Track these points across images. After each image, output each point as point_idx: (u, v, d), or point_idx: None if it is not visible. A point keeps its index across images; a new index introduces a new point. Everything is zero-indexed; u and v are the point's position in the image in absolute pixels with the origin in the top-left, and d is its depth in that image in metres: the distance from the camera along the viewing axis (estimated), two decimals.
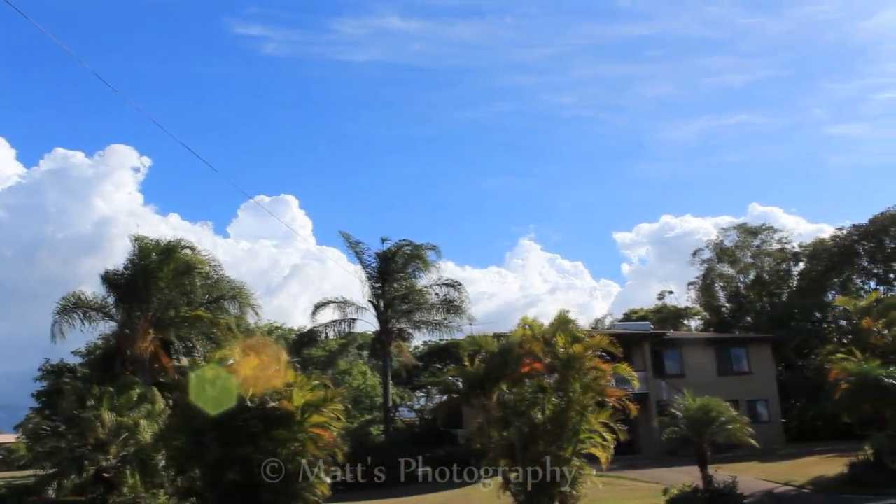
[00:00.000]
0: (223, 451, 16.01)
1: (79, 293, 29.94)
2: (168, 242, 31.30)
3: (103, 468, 20.56)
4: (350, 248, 42.60)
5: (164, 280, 30.29)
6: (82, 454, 20.72)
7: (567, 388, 19.36)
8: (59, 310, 29.64)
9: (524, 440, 19.12)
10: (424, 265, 42.34)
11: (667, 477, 25.62)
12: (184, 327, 30.61)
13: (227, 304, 32.37)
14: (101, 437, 20.87)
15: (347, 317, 41.86)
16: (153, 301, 30.20)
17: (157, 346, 29.15)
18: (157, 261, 30.36)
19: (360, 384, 50.96)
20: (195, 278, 31.58)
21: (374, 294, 41.77)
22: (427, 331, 42.86)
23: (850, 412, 25.58)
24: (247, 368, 16.62)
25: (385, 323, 41.43)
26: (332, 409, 17.46)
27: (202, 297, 32.30)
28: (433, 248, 42.75)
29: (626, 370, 20.51)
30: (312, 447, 16.76)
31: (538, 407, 19.55)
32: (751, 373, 44.30)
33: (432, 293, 42.09)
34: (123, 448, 20.97)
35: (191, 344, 30.68)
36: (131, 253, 31.24)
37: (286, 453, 16.61)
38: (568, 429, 19.17)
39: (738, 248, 64.52)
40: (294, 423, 16.57)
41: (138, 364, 28.50)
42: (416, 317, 42.09)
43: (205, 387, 16.70)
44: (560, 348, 19.55)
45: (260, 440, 16.24)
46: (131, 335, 28.71)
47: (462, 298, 41.69)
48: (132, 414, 21.57)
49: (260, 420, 16.23)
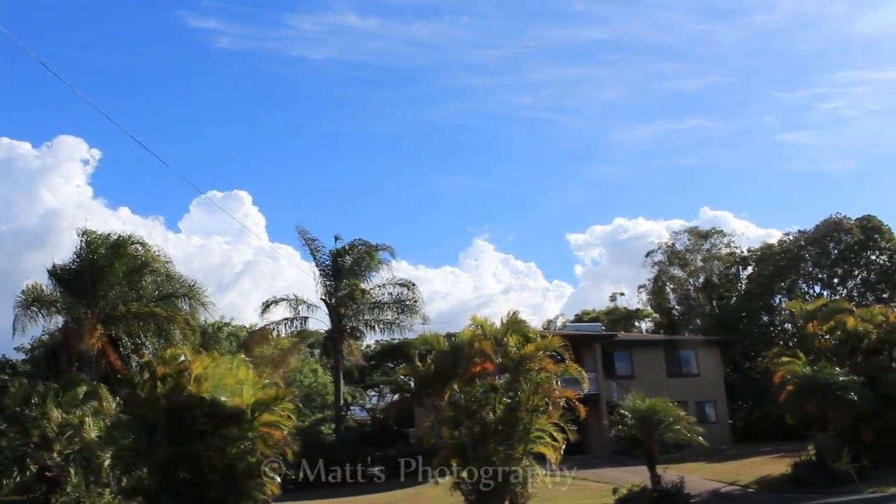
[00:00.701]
0: (173, 449, 15.87)
1: (39, 286, 29.35)
2: (118, 237, 30.77)
3: (47, 467, 20.17)
4: (305, 245, 42.39)
5: (113, 275, 29.78)
6: (25, 453, 20.29)
7: (518, 388, 19.53)
8: (21, 303, 28.98)
9: (475, 440, 19.24)
10: (378, 264, 42.31)
11: (616, 476, 25.94)
12: (133, 324, 30.16)
13: (178, 301, 31.99)
14: (45, 435, 20.51)
15: (299, 315, 41.66)
16: (101, 296, 29.72)
17: (105, 343, 28.64)
18: (106, 255, 29.83)
19: (311, 382, 50.65)
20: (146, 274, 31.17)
21: (326, 292, 41.60)
22: (380, 330, 42.78)
23: (794, 413, 26.16)
24: (198, 366, 16.49)
25: (337, 321, 41.29)
26: (283, 407, 17.38)
27: (153, 293, 31.88)
28: (387, 247, 42.77)
29: (576, 371, 20.74)
30: (262, 446, 16.69)
31: (489, 407, 19.68)
32: (699, 374, 44.96)
33: (385, 292, 42.05)
34: (68, 446, 20.60)
35: (140, 341, 30.22)
36: (79, 247, 30.67)
37: (236, 452, 16.52)
38: (518, 429, 19.33)
39: (689, 252, 65.50)
40: (245, 421, 16.48)
41: (85, 360, 28.01)
42: (369, 316, 41.99)
43: (155, 384, 16.55)
44: (511, 348, 19.71)
45: (210, 438, 16.12)
46: (78, 331, 28.19)
47: (415, 298, 41.73)
48: (78, 411, 21.18)
49: (210, 418, 16.11)
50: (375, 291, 42.07)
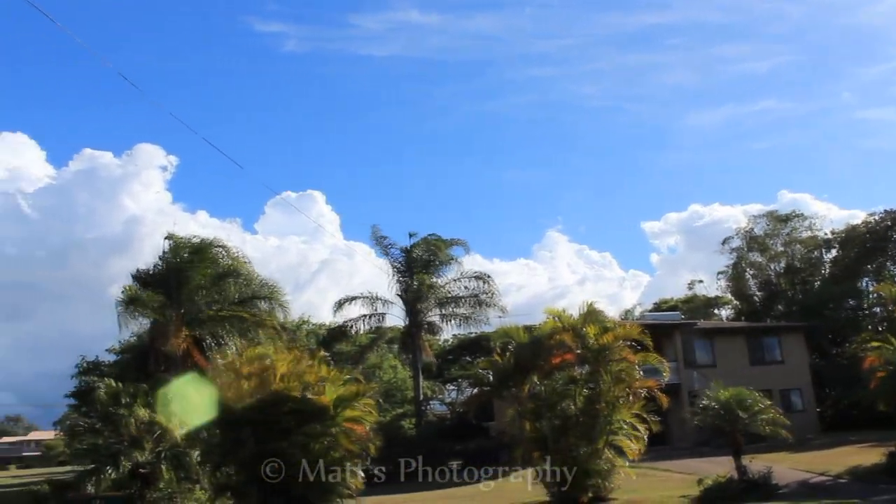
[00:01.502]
0: (259, 447, 16.16)
1: (135, 288, 30.14)
2: (201, 241, 31.55)
3: (140, 464, 20.79)
4: (377, 244, 42.79)
5: (197, 278, 30.55)
6: (118, 450, 20.92)
7: (598, 379, 19.37)
8: (122, 302, 29.71)
9: (556, 432, 19.17)
10: (451, 259, 42.42)
11: (700, 467, 25.48)
12: (217, 325, 30.81)
13: (257, 302, 32.55)
14: (135, 434, 21.13)
15: (376, 311, 42.02)
16: (186, 299, 30.45)
17: (190, 343, 29.36)
18: (190, 259, 30.63)
19: (390, 378, 51.07)
20: (228, 276, 31.81)
21: (401, 288, 41.86)
22: (456, 324, 42.85)
23: (886, 400, 25.24)
24: (281, 364, 16.77)
25: (414, 317, 41.51)
26: (364, 403, 17.55)
27: (234, 294, 32.53)
28: (460, 241, 42.86)
29: (656, 360, 20.48)
30: (345, 441, 16.87)
31: (570, 399, 19.58)
32: (783, 362, 43.87)
33: (460, 286, 42.14)
34: (158, 444, 21.21)
35: (223, 341, 30.85)
36: (164, 251, 31.56)
37: (319, 448, 16.73)
38: (600, 420, 19.19)
39: (769, 236, 63.93)
40: (327, 417, 16.68)
41: (171, 361, 28.73)
42: (445, 310, 42.10)
43: (240, 383, 16.88)
44: (590, 339, 19.55)
45: (294, 435, 16.37)
46: (164, 333, 28.93)
47: (491, 291, 41.67)
48: (166, 411, 21.77)
49: (294, 415, 16.35)
50: (451, 286, 42.20)
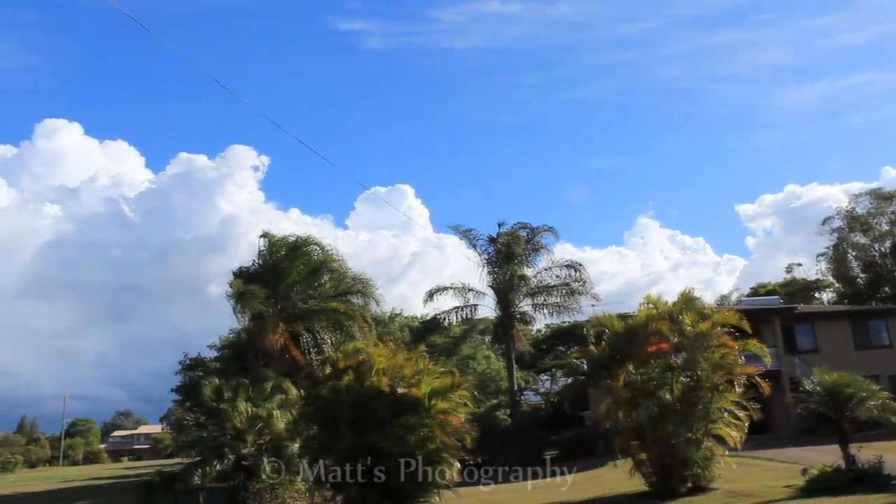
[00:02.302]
0: (356, 439, 16.43)
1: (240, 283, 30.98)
2: (296, 238, 32.21)
3: (242, 456, 21.38)
4: (463, 237, 42.90)
5: (292, 275, 31.20)
6: (222, 443, 21.55)
7: (695, 367, 19.02)
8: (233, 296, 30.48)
9: (653, 421, 18.91)
10: (541, 247, 42.21)
11: (804, 456, 24.72)
12: (313, 320, 31.37)
13: (351, 297, 33.03)
14: (238, 427, 21.73)
15: (468, 302, 42.14)
16: (283, 295, 31.13)
17: (288, 339, 29.99)
18: (286, 256, 31.32)
19: (484, 369, 51.19)
20: (322, 272, 32.39)
21: (492, 279, 41.87)
22: (548, 313, 42.63)
23: None
24: (378, 358, 17.00)
25: (506, 307, 41.48)
26: (459, 394, 17.64)
27: (329, 290, 33.08)
28: (550, 229, 42.59)
29: (756, 346, 19.98)
30: (441, 433, 16.98)
31: (666, 387, 19.29)
32: (892, 346, 42.16)
33: (552, 275, 41.90)
34: (259, 437, 21.75)
35: (319, 336, 31.41)
36: (260, 249, 32.35)
37: (415, 440, 16.90)
38: (698, 408, 18.85)
39: (872, 216, 61.51)
40: (422, 409, 16.83)
41: (270, 356, 29.42)
42: (537, 300, 41.93)
43: (337, 377, 17.19)
44: (687, 326, 19.20)
45: (390, 428, 16.58)
46: (263, 329, 29.61)
47: (583, 279, 41.30)
48: (266, 405, 22.32)
49: (390, 407, 16.56)
50: (542, 275, 42.01)
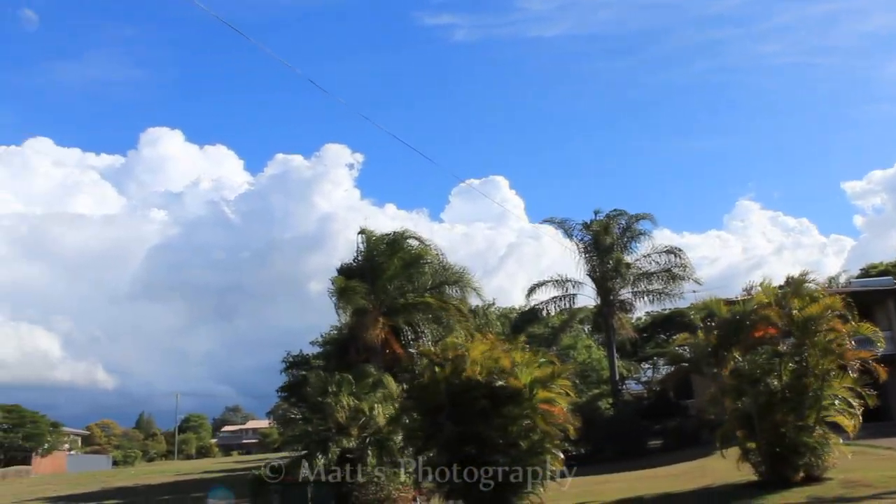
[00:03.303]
0: (458, 430, 16.51)
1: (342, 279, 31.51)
2: (393, 233, 32.53)
3: (347, 449, 21.73)
4: (558, 227, 42.54)
5: (391, 269, 31.50)
6: (327, 437, 21.94)
7: (805, 353, 18.40)
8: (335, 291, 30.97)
9: (761, 409, 18.38)
10: (639, 234, 41.55)
11: None
12: (412, 313, 31.60)
13: (448, 289, 33.16)
14: (342, 421, 22.11)
15: (567, 292, 41.82)
16: (382, 290, 31.45)
17: (388, 333, 30.31)
18: (384, 251, 31.66)
19: (585, 359, 50.72)
20: (420, 266, 32.60)
21: (590, 268, 41.42)
22: (648, 301, 41.93)
23: None
24: (475, 350, 17.04)
25: (605, 296, 41.00)
26: (560, 384, 17.55)
27: (427, 283, 33.27)
28: (647, 216, 41.85)
29: (868, 330, 19.18)
30: (543, 423, 16.93)
31: (774, 374, 18.71)
32: None
33: (651, 262, 41.18)
34: (363, 431, 22.07)
35: (419, 329, 31.64)
36: (359, 246, 32.81)
37: (518, 430, 16.90)
38: (808, 395, 18.23)
39: None
40: (523, 399, 16.80)
41: (371, 351, 29.78)
42: (637, 287, 41.29)
43: (435, 369, 17.31)
44: (795, 311, 18.59)
45: (491, 418, 16.61)
46: (364, 324, 29.97)
47: (683, 264, 40.44)
48: (368, 398, 22.63)
49: (490, 398, 16.58)
50: (641, 262, 41.35)
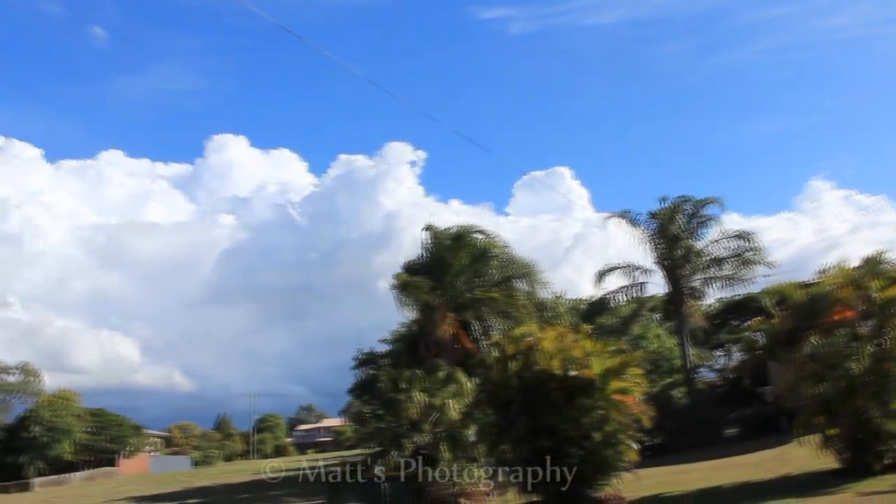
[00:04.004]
0: (531, 423, 16.50)
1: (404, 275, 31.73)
2: (458, 228, 32.54)
3: (420, 445, 21.85)
4: (622, 217, 42.00)
5: (457, 264, 31.54)
6: (400, 433, 22.09)
7: (885, 336, 17.89)
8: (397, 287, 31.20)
9: (841, 394, 17.92)
10: (708, 219, 40.83)
11: None
12: (480, 308, 31.59)
13: (516, 282, 33.06)
14: (414, 417, 22.24)
15: (636, 281, 41.34)
16: (450, 285, 31.51)
17: (457, 328, 30.37)
18: (450, 247, 31.70)
19: (656, 347, 50.10)
20: (487, 260, 32.57)
21: (659, 255, 40.88)
22: (719, 287, 41.19)
23: None
24: (546, 341, 16.99)
25: (674, 283, 40.44)
26: (632, 374, 17.40)
27: (494, 277, 33.22)
28: (715, 200, 41.06)
29: None
30: (616, 413, 16.80)
31: (854, 358, 18.22)
32: None
33: (721, 247, 40.42)
34: (436, 426, 22.16)
35: (487, 323, 31.62)
36: (424, 242, 32.90)
37: (590, 421, 16.79)
38: (890, 380, 17.71)
39: None
40: (595, 390, 16.70)
41: (441, 346, 29.86)
42: (707, 273, 40.61)
43: (507, 363, 17.31)
44: (874, 292, 18.08)
45: (564, 410, 16.54)
46: (432, 319, 30.09)
47: (754, 249, 39.57)
48: (440, 394, 22.71)
49: (562, 390, 16.52)
50: (710, 247, 40.63)
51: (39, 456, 73.40)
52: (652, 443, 18.79)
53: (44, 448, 73.58)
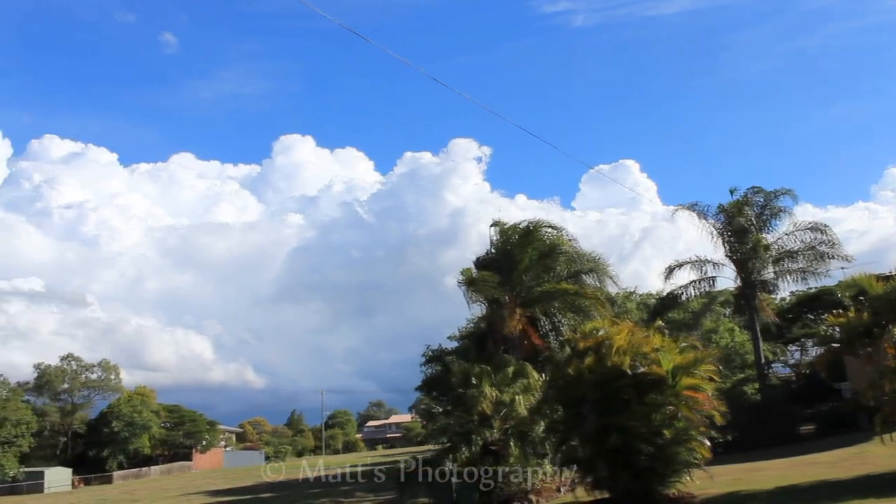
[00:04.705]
0: (601, 420, 16.35)
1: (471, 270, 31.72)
2: (526, 223, 32.37)
3: (489, 441, 21.83)
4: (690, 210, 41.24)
5: (525, 260, 31.36)
6: (470, 429, 22.09)
7: None
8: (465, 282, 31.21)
9: None
10: (780, 211, 39.86)
11: None
12: (549, 303, 31.37)
13: (585, 277, 32.77)
14: (484, 413, 22.21)
15: (706, 275, 40.61)
16: (518, 281, 31.34)
17: (526, 324, 30.22)
18: (518, 242, 31.55)
19: (728, 343, 49.22)
20: (556, 255, 32.32)
21: (729, 249, 40.09)
22: (792, 280, 40.14)
23: None
24: (618, 337, 16.81)
25: (746, 277, 39.61)
26: (704, 370, 17.11)
27: (562, 272, 32.97)
28: (787, 191, 40.05)
29: None
30: (687, 410, 16.56)
31: None
32: None
33: (794, 239, 39.43)
34: (505, 422, 22.10)
35: (556, 319, 31.39)
36: (492, 238, 32.79)
37: (661, 418, 16.58)
38: None
39: None
40: (666, 387, 16.48)
41: (509, 342, 29.75)
42: (780, 267, 39.65)
43: (577, 358, 17.16)
44: None
45: (634, 407, 16.35)
46: (500, 315, 29.99)
47: (829, 241, 38.49)
48: (509, 390, 22.64)
49: (633, 387, 16.34)
50: (783, 240, 39.67)
51: (120, 450, 75.83)
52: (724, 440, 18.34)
53: (124, 443, 75.96)
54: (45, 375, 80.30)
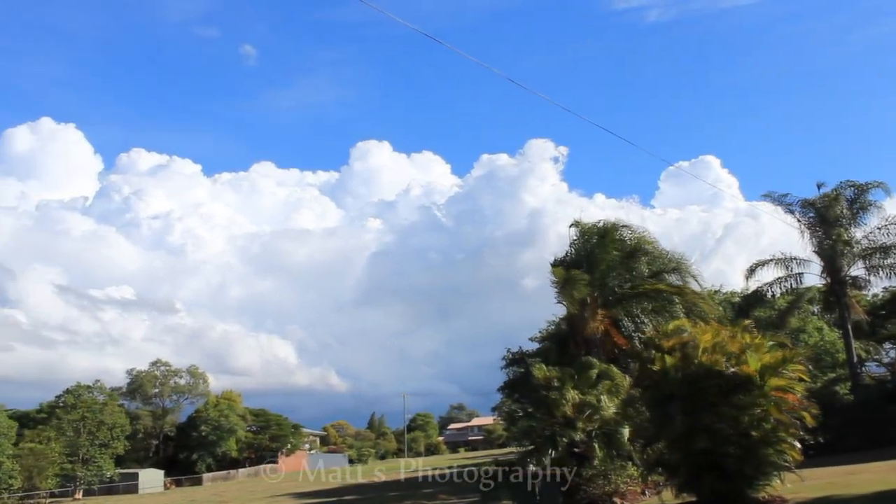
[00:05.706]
0: (688, 421, 16.06)
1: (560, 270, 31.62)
2: (605, 224, 32.09)
3: (574, 443, 21.67)
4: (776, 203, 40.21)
5: (606, 260, 31.07)
6: (553, 431, 21.98)
7: None
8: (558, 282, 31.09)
9: None
10: (871, 204, 38.59)
11: None
12: (631, 303, 31.03)
13: (668, 276, 32.28)
14: (567, 415, 22.07)
15: (791, 272, 39.58)
16: (599, 281, 31.05)
17: (608, 325, 29.94)
18: (598, 242, 31.29)
19: (817, 341, 47.77)
20: (637, 255, 31.95)
21: (817, 244, 38.98)
22: (885, 276, 38.80)
23: None
24: (705, 337, 16.51)
25: (835, 273, 38.47)
26: (793, 369, 16.67)
27: (643, 271, 32.56)
28: (879, 184, 38.74)
29: None
30: (776, 411, 16.17)
31: None
32: None
33: (886, 234, 38.09)
34: (589, 424, 21.92)
35: (639, 319, 30.99)
36: (573, 238, 32.57)
37: (749, 420, 16.21)
38: None
39: None
40: (754, 387, 16.12)
41: (592, 344, 29.47)
42: (871, 262, 38.37)
43: (663, 358, 16.88)
44: None
45: (721, 408, 16.02)
46: (582, 316, 29.78)
47: None
48: (593, 391, 22.47)
49: (719, 388, 16.01)
50: (875, 234, 38.39)
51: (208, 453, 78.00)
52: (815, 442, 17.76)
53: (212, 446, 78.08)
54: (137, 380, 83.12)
